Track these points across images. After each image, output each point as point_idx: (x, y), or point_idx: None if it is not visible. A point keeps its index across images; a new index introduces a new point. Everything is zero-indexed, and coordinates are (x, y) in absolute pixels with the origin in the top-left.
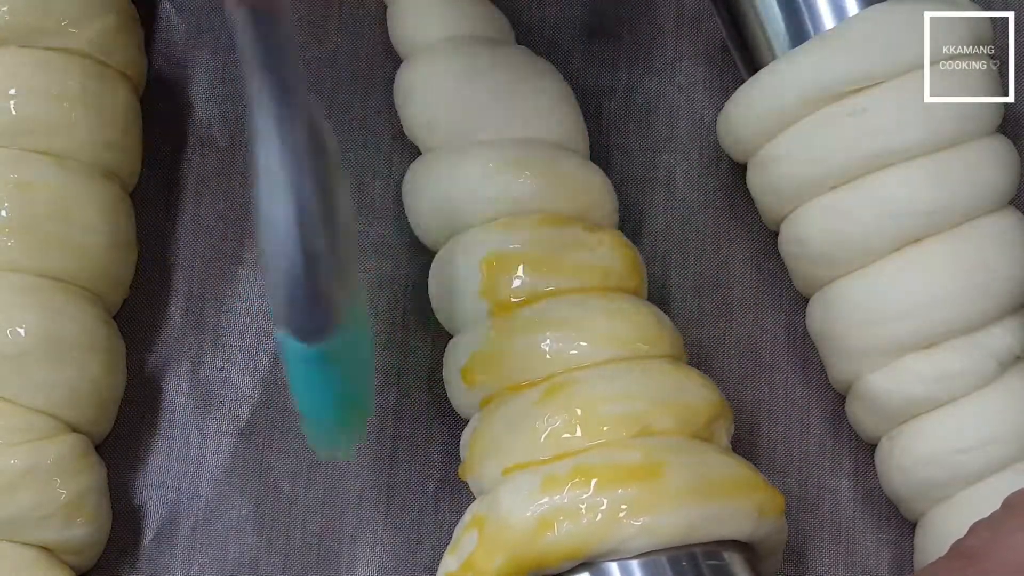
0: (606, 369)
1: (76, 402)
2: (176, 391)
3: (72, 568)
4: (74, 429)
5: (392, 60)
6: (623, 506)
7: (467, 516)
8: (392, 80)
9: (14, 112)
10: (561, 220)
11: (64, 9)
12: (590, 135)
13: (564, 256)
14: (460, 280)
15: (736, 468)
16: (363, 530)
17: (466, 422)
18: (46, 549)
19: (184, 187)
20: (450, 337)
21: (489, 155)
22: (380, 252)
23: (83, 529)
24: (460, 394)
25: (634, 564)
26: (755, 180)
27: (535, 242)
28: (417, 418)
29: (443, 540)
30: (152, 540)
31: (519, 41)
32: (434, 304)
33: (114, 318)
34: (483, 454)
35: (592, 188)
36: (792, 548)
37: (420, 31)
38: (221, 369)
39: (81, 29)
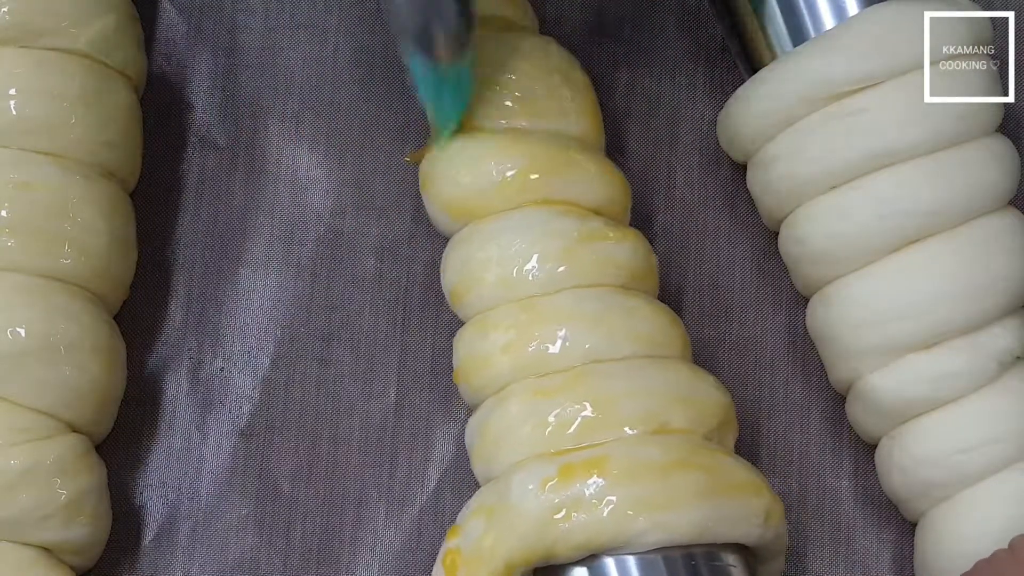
0: (624, 365)
1: (76, 402)
2: (176, 391)
3: (72, 568)
4: (74, 429)
5: (393, 58)
6: (638, 501)
7: (473, 503)
8: (392, 78)
9: (14, 112)
10: (583, 213)
11: (64, 9)
12: None
13: (586, 250)
14: (477, 267)
15: (746, 472)
16: (363, 530)
17: (467, 419)
18: (46, 549)
19: (184, 187)
20: (453, 331)
21: (513, 145)
22: (380, 251)
23: (83, 529)
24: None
25: (632, 562)
26: (755, 180)
27: (557, 233)
28: (417, 418)
29: (443, 540)
30: (152, 540)
31: None
32: (447, 290)
33: (114, 318)
34: (496, 442)
35: (613, 183)
36: (792, 548)
37: None
38: (221, 369)
39: (81, 29)
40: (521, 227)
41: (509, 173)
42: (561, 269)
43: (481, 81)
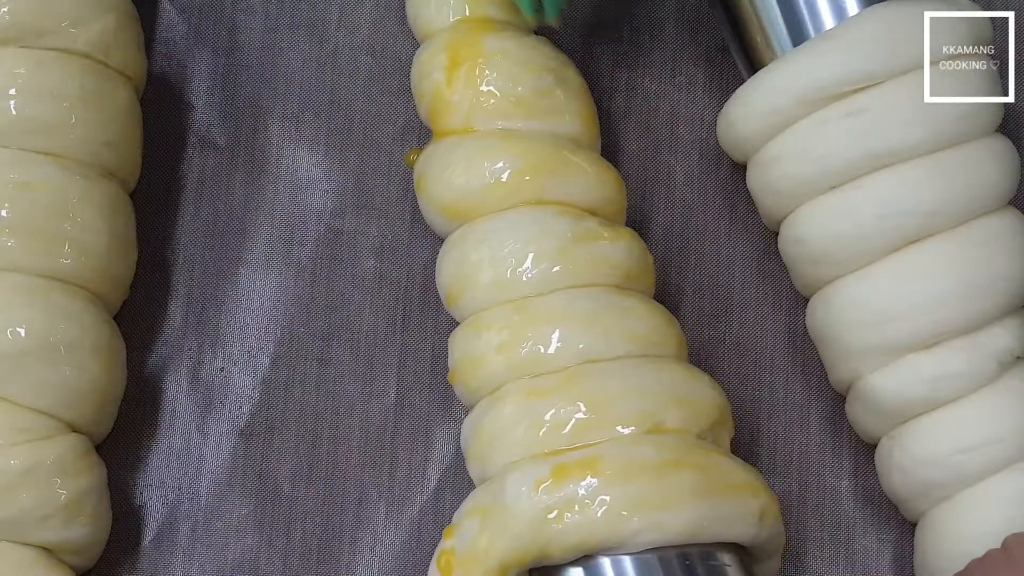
0: (618, 364)
1: (76, 402)
2: (176, 391)
3: (72, 568)
4: (74, 429)
5: (391, 59)
6: (632, 501)
7: (468, 503)
8: (391, 79)
9: (14, 112)
10: (578, 213)
11: (64, 9)
12: None
13: (580, 250)
14: (470, 268)
15: (742, 472)
16: (363, 530)
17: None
18: (46, 549)
19: (184, 187)
20: (451, 331)
21: (507, 145)
22: (380, 251)
23: (83, 529)
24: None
25: (627, 562)
26: (755, 180)
27: (551, 234)
28: (417, 418)
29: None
30: (152, 540)
31: None
32: (442, 291)
33: (114, 318)
34: (490, 443)
35: (608, 183)
36: (792, 548)
37: (441, 14)
38: (221, 369)
39: (81, 29)
40: (515, 227)
41: (503, 174)
42: (555, 269)
43: (474, 82)
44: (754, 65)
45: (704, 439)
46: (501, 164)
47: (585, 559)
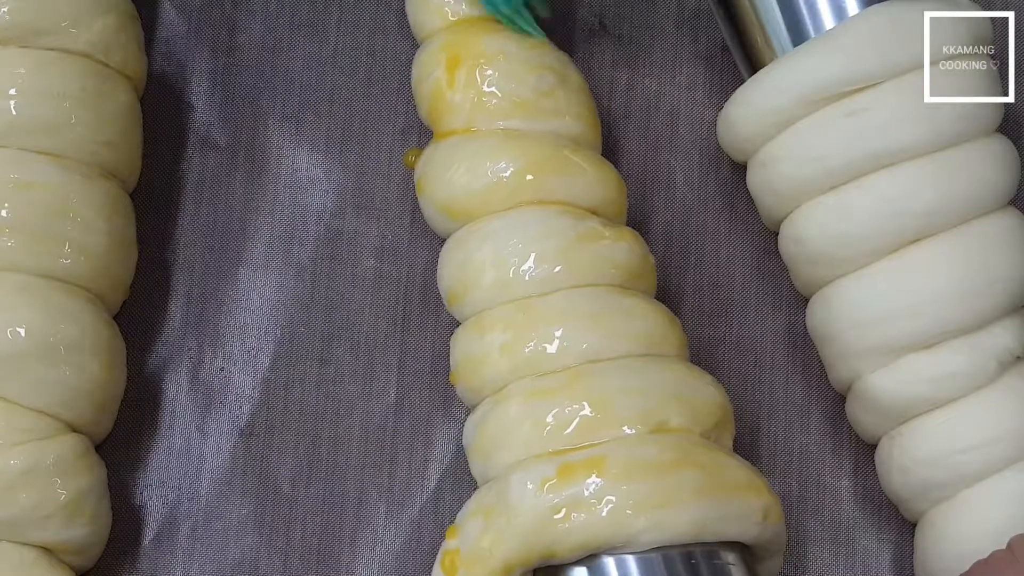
0: (621, 364)
1: (76, 402)
2: (176, 391)
3: (72, 568)
4: (74, 429)
5: (391, 59)
6: (637, 500)
7: (472, 503)
8: (391, 79)
9: (14, 112)
10: (579, 213)
11: (64, 9)
12: None
13: (582, 250)
14: (473, 268)
15: (745, 471)
16: (363, 530)
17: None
18: (46, 549)
19: (184, 187)
20: (451, 331)
21: (508, 145)
22: (380, 250)
23: (83, 529)
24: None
25: (631, 561)
26: (755, 180)
27: (553, 234)
28: (417, 418)
29: (443, 540)
30: (152, 540)
31: None
32: (443, 291)
33: (114, 318)
34: (494, 442)
35: (609, 183)
36: (792, 548)
37: (440, 14)
38: (221, 369)
39: (81, 29)
40: (517, 227)
41: (504, 174)
42: (557, 269)
43: (475, 82)
44: (754, 65)
45: (707, 439)
46: (503, 164)
47: (589, 559)
